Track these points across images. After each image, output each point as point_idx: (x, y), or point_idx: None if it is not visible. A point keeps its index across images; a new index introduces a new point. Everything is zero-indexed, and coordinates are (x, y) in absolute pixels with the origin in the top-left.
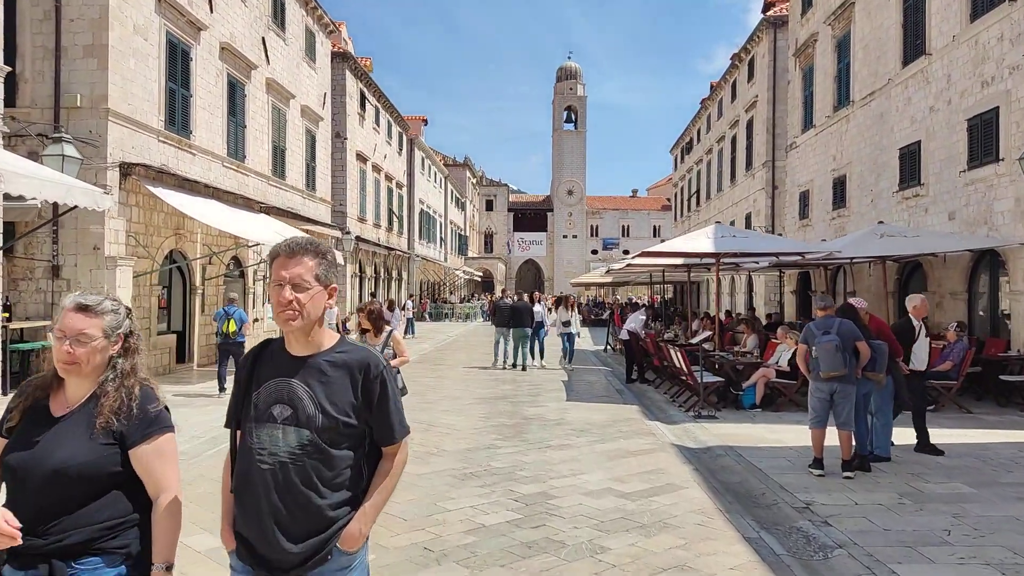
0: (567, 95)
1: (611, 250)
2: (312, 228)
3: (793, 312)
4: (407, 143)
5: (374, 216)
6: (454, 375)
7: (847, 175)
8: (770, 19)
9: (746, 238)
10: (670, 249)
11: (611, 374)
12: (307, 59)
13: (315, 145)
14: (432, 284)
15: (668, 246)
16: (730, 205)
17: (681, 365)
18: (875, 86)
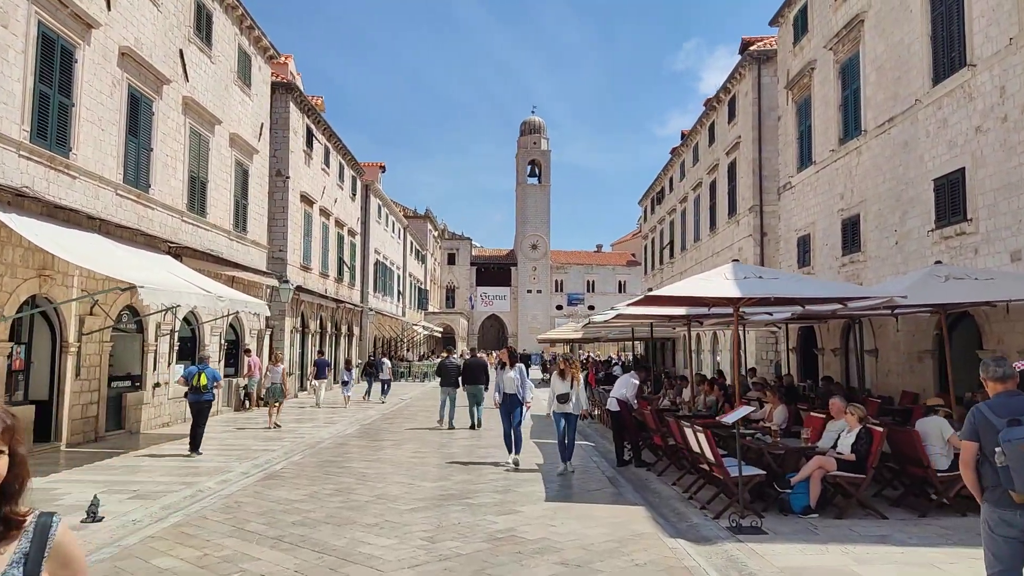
0: (531, 149)
1: (576, 305)
2: (240, 275)
3: (795, 375)
4: (362, 188)
5: (321, 265)
6: (398, 456)
7: (861, 215)
8: (754, 54)
9: (776, 279)
10: (681, 293)
11: (595, 452)
12: (240, 83)
13: (248, 180)
14: (388, 340)
15: (677, 289)
16: (710, 255)
17: (705, 451)
18: (895, 111)
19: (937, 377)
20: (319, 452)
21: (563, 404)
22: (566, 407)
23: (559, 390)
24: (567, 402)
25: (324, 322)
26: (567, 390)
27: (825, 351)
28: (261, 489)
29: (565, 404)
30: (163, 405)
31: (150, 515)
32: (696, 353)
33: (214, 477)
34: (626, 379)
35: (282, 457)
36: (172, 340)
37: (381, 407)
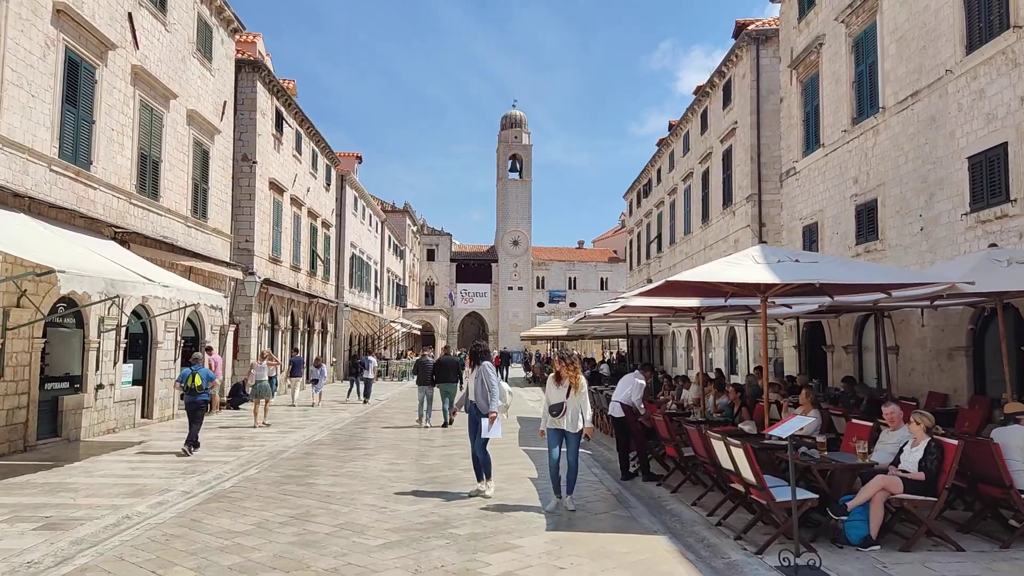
0: (512, 143)
1: (558, 303)
2: (199, 266)
3: (795, 373)
4: (337, 179)
5: (292, 257)
6: (370, 469)
7: (878, 200)
8: (752, 34)
9: (815, 263)
10: (706, 279)
11: (594, 462)
12: (200, 56)
13: (208, 162)
14: (365, 338)
15: (700, 274)
16: (701, 249)
17: (742, 470)
18: (920, 84)
19: (973, 377)
20: (280, 464)
21: (556, 418)
22: (560, 422)
23: (553, 399)
24: (561, 416)
25: (296, 318)
26: (562, 399)
27: (835, 348)
28: (201, 515)
29: (559, 419)
30: (108, 409)
31: (53, 553)
32: (687, 351)
33: (149, 499)
34: (630, 380)
35: (236, 471)
36: (118, 337)
37: (358, 408)
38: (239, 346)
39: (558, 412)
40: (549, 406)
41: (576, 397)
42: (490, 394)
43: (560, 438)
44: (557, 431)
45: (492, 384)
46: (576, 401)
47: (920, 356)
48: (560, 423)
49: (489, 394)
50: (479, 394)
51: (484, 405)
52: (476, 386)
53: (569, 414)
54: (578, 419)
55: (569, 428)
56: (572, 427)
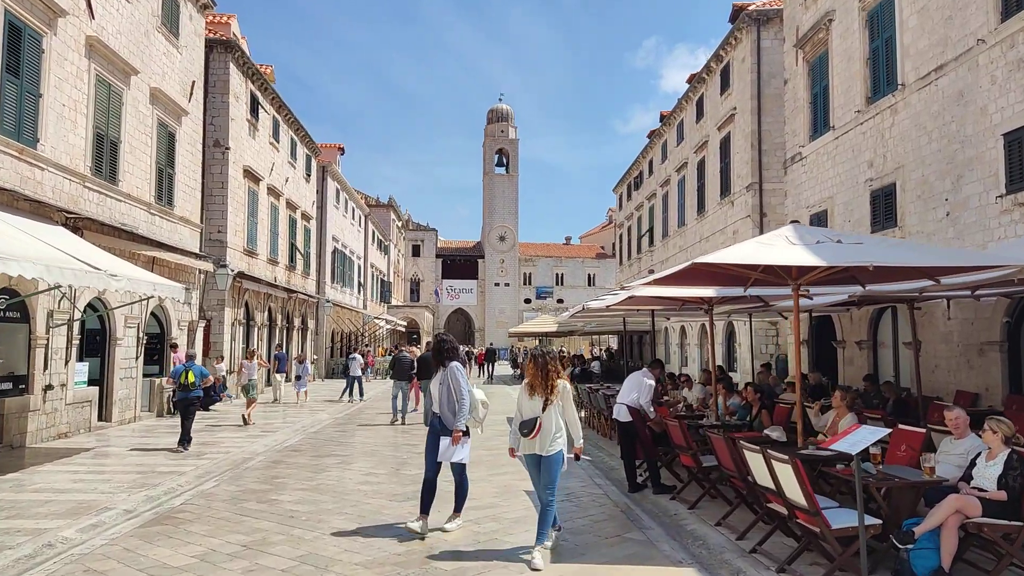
0: (498, 137)
1: (545, 299)
2: (164, 256)
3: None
4: (318, 170)
5: (270, 250)
6: (343, 481)
7: (897, 184)
8: (752, 15)
9: (859, 243)
10: (739, 261)
11: (596, 470)
12: (165, 31)
13: (175, 146)
14: (347, 334)
15: (732, 256)
16: (697, 241)
17: (786, 490)
18: (945, 57)
19: (1007, 374)
20: (243, 475)
21: (528, 438)
22: (532, 445)
23: (525, 412)
24: (534, 435)
25: (273, 314)
26: (535, 414)
27: (847, 344)
28: (137, 543)
29: (531, 438)
30: (59, 412)
31: None
32: (681, 347)
33: (82, 520)
34: (638, 380)
35: (191, 484)
36: (70, 333)
37: (339, 407)
38: (211, 343)
39: (530, 430)
40: (520, 422)
41: (554, 408)
42: (458, 405)
43: (538, 465)
44: (530, 456)
45: (462, 392)
46: (554, 414)
47: (945, 352)
48: (532, 446)
49: (457, 406)
50: (444, 405)
51: (451, 419)
52: (441, 394)
53: (544, 432)
54: (556, 438)
55: (542, 451)
56: (545, 448)
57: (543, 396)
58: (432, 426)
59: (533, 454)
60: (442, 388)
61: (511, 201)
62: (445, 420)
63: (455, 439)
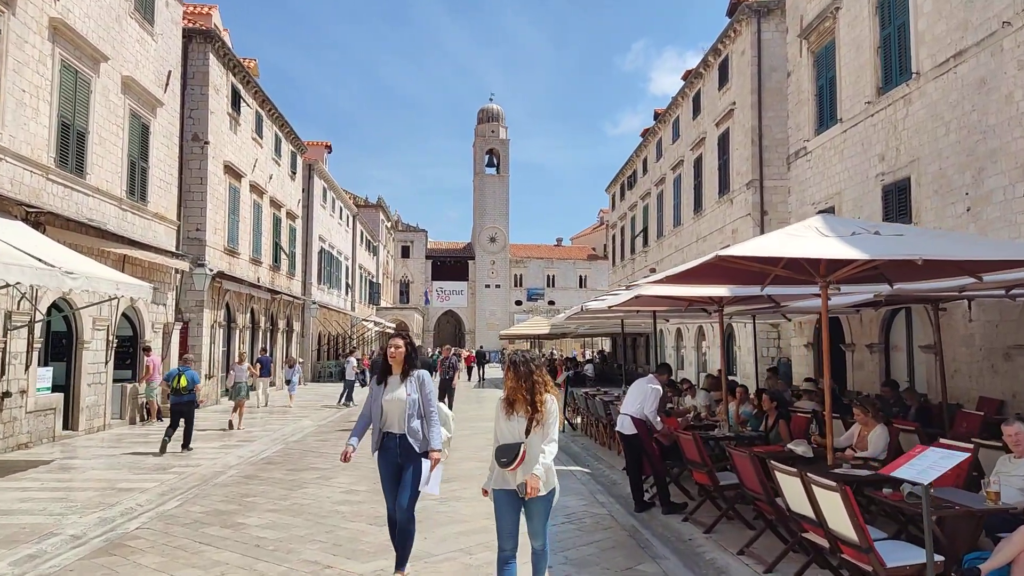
0: (489, 138)
1: (536, 301)
2: (136, 255)
3: (807, 374)
4: (304, 168)
5: (252, 249)
6: (320, 501)
7: (912, 178)
8: (752, 6)
9: (900, 235)
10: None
11: (597, 485)
12: (138, 16)
13: (149, 138)
14: (335, 337)
15: (754, 249)
16: (694, 241)
17: (835, 522)
18: (965, 43)
19: None
20: (210, 493)
21: (508, 470)
22: (514, 478)
23: (503, 436)
24: (516, 465)
25: (256, 316)
26: (517, 438)
27: (857, 347)
28: None
29: (512, 469)
30: (18, 421)
31: None
32: (677, 350)
33: (19, 550)
34: (643, 387)
35: (151, 504)
36: (31, 336)
37: (324, 413)
38: (188, 346)
39: (510, 460)
40: (497, 448)
41: (542, 431)
42: (427, 421)
43: (517, 505)
44: (509, 494)
45: (430, 405)
46: (540, 437)
47: (966, 356)
48: (511, 478)
49: (427, 421)
50: (405, 418)
51: (419, 439)
52: (406, 409)
53: (530, 462)
54: (523, 466)
55: (519, 488)
56: (520, 488)
57: (527, 415)
58: (387, 450)
59: (511, 490)
60: (408, 401)
61: (502, 202)
62: (413, 440)
63: (435, 462)
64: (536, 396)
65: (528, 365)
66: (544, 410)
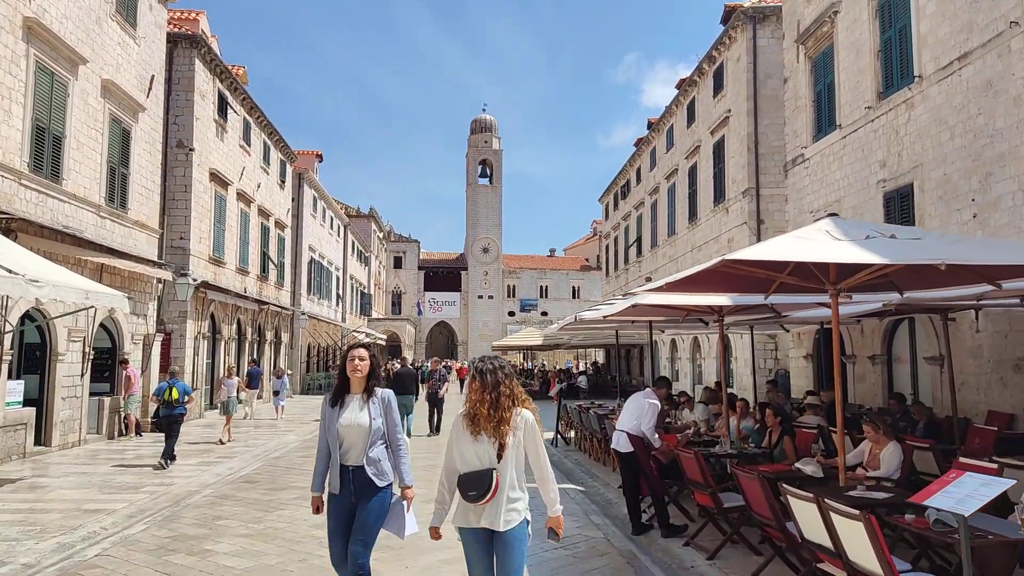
0: (482, 148)
1: (529, 312)
2: (115, 264)
3: (806, 387)
4: (294, 176)
5: (239, 259)
6: (296, 525)
7: (915, 184)
8: (748, 12)
9: (917, 239)
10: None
11: (592, 505)
12: (120, 19)
13: (130, 144)
14: (324, 348)
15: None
16: (689, 250)
17: (856, 553)
18: (971, 44)
19: None
20: (180, 514)
21: (477, 504)
22: (482, 515)
23: (467, 462)
24: (487, 499)
25: (243, 327)
26: (488, 463)
27: (858, 359)
28: None
29: (481, 505)
30: None
31: None
32: (671, 361)
33: None
34: (640, 402)
35: (116, 527)
36: (0, 347)
37: (308, 429)
38: (171, 358)
39: (481, 492)
40: (460, 478)
41: (514, 454)
42: (395, 452)
43: (488, 545)
44: (475, 533)
45: (397, 432)
46: (512, 465)
47: (973, 368)
48: (478, 515)
49: (395, 452)
50: (365, 448)
51: (380, 471)
52: (367, 438)
53: (501, 494)
54: (515, 502)
55: (496, 523)
56: (501, 520)
57: (495, 436)
58: (342, 486)
59: (480, 529)
60: (371, 427)
61: (495, 212)
62: (372, 471)
63: (409, 500)
64: (502, 412)
65: (496, 373)
66: (516, 428)
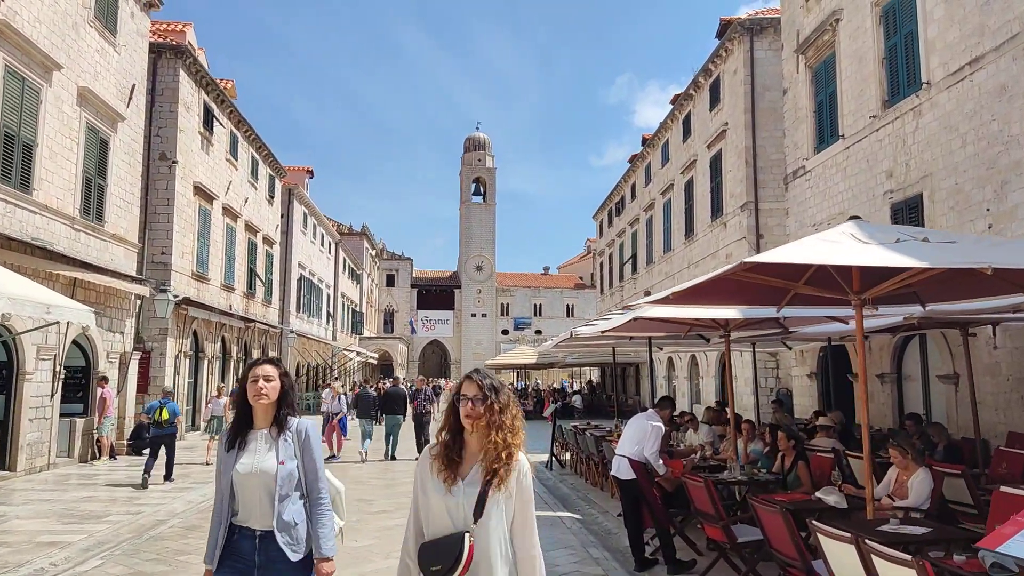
0: (475, 166)
1: (523, 330)
2: (90, 278)
3: (811, 406)
4: (283, 192)
5: (224, 275)
6: None
7: (924, 194)
8: (745, 23)
9: (952, 242)
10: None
11: (585, 534)
12: (99, 26)
13: (108, 155)
14: (314, 368)
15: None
16: (685, 267)
17: None
18: (982, 48)
19: None
20: (142, 548)
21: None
22: None
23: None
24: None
25: (228, 345)
26: (459, 525)
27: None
28: None
29: None
30: None
31: None
32: (669, 380)
33: None
34: (641, 424)
35: (69, 562)
36: None
37: None
38: (150, 377)
39: (449, 567)
40: (422, 547)
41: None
42: (313, 507)
43: None
44: None
45: (318, 480)
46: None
47: (991, 386)
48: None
49: (313, 508)
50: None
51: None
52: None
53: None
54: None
55: None
56: None
57: (487, 485)
58: (236, 557)
59: None
60: (280, 473)
61: (488, 230)
62: (285, 540)
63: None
64: (511, 450)
65: (502, 394)
66: (509, 474)
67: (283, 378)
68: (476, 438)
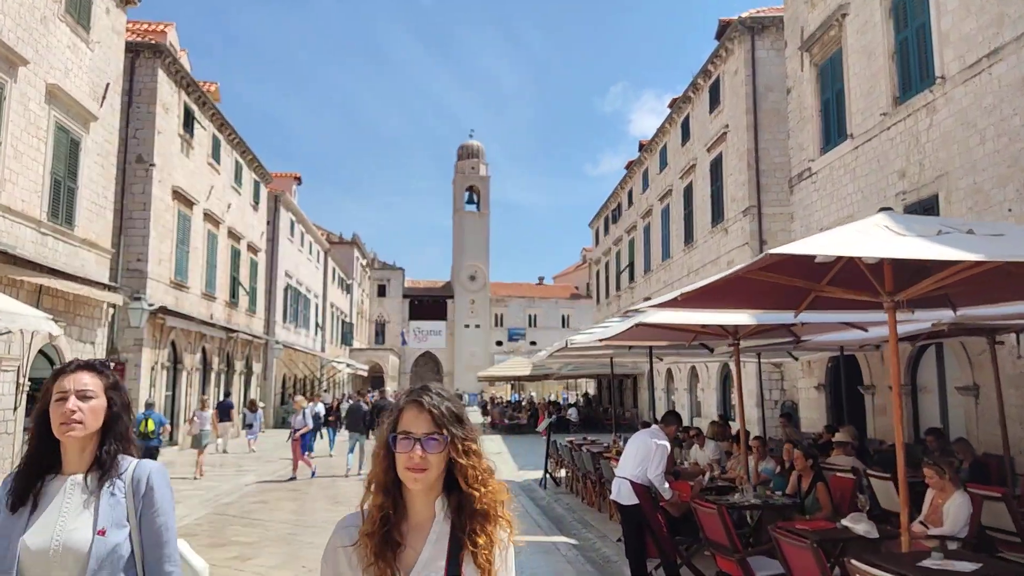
0: (469, 174)
1: (517, 341)
2: (58, 285)
3: (818, 420)
4: (269, 199)
5: (204, 283)
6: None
7: (940, 195)
8: (746, 22)
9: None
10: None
11: (582, 562)
12: (71, 21)
13: (79, 156)
14: (301, 380)
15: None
16: (685, 274)
17: None
18: (1002, 39)
19: None
20: None
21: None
22: None
23: None
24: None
25: (209, 356)
26: None
27: (878, 389)
28: None
29: None
30: None
31: None
32: (667, 392)
33: None
34: (644, 442)
35: None
36: None
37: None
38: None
39: None
40: None
41: None
42: None
43: None
44: None
45: (165, 550)
46: None
47: (1015, 398)
48: None
49: None
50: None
51: None
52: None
53: None
54: None
55: None
56: None
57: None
58: None
59: None
60: (99, 547)
61: (482, 239)
62: None
63: None
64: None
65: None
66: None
67: (110, 394)
68: (425, 503)
